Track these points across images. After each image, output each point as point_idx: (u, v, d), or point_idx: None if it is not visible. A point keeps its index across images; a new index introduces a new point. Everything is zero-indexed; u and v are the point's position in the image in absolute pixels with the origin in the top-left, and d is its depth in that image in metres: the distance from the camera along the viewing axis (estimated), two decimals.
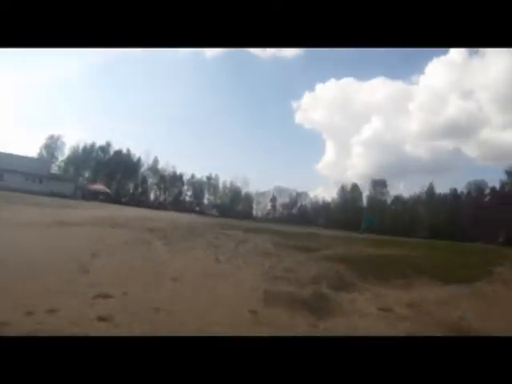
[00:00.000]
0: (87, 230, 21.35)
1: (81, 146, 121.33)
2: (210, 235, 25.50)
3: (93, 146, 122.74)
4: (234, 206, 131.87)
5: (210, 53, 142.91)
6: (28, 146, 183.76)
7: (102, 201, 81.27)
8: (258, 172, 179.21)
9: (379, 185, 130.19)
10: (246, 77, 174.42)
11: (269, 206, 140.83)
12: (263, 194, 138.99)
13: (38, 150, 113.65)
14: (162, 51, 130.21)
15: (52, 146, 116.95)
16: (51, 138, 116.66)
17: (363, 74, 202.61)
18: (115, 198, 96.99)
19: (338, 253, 21.13)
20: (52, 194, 70.46)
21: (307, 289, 11.47)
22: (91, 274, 10.65)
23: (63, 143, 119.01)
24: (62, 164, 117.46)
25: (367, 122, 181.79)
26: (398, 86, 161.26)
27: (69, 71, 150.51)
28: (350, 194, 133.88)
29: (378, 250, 24.44)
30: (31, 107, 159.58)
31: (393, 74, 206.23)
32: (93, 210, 40.46)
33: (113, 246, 16.24)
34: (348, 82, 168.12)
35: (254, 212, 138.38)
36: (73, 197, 77.49)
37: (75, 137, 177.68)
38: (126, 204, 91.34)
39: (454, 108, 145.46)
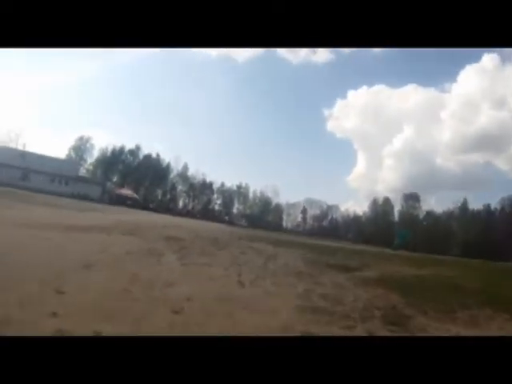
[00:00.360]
0: (93, 235, 18.57)
1: (110, 148, 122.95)
2: (235, 249, 22.45)
3: (122, 149, 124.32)
4: (263, 217, 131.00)
5: (241, 57, 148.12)
6: (57, 148, 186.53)
7: (130, 206, 79.91)
8: (288, 182, 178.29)
9: (411, 199, 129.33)
10: (278, 83, 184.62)
11: (299, 218, 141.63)
12: (294, 205, 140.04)
13: (66, 152, 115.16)
14: (195, 57, 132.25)
15: (81, 147, 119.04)
16: (80, 139, 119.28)
17: (395, 80, 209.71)
18: (143, 204, 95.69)
19: (381, 274, 18.30)
20: (78, 197, 70.78)
21: (358, 329, 8.43)
22: (66, 296, 7.92)
23: (92, 145, 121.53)
24: (91, 167, 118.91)
25: (399, 131, 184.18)
26: (430, 93, 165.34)
27: (100, 74, 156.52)
28: (382, 208, 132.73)
29: (423, 271, 21.62)
30: (62, 109, 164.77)
31: (425, 81, 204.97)
32: (113, 215, 38.23)
33: (114, 256, 13.44)
34: (380, 89, 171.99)
35: (284, 223, 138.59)
36: (99, 200, 77.24)
37: (105, 139, 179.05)
38: (154, 211, 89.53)
39: (486, 117, 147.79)
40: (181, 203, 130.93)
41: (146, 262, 13.55)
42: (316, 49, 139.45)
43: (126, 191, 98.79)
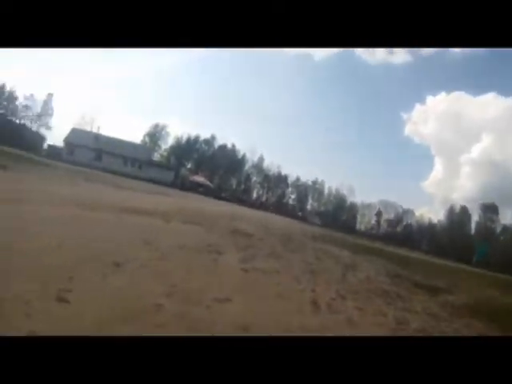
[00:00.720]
0: (148, 220, 16.31)
1: (185, 137, 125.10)
2: (309, 252, 19.86)
3: (197, 138, 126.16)
4: (337, 215, 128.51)
5: (319, 55, 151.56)
6: (132, 133, 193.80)
7: (201, 193, 79.19)
8: (363, 181, 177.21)
9: (490, 210, 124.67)
10: (356, 81, 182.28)
11: (373, 221, 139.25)
12: (368, 206, 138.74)
13: (141, 138, 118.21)
14: (273, 53, 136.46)
15: (156, 134, 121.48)
16: (156, 126, 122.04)
17: (475, 87, 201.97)
18: (216, 193, 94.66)
19: (474, 300, 15.64)
20: (150, 181, 71.38)
21: None
22: (65, 306, 5.60)
23: (167, 133, 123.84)
24: (165, 153, 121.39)
25: (477, 140, 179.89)
26: (511, 102, 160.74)
27: (180, 65, 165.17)
28: (458, 217, 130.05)
29: None
30: (139, 96, 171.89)
31: (506, 89, 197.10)
32: (180, 200, 36.68)
33: (160, 250, 10.85)
34: (459, 95, 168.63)
35: (358, 225, 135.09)
36: (172, 186, 76.94)
37: (180, 128, 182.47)
38: (226, 200, 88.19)
39: None
40: (254, 194, 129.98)
41: (199, 261, 10.97)
42: (394, 49, 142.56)
43: (199, 178, 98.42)
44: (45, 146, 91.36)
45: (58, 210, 12.99)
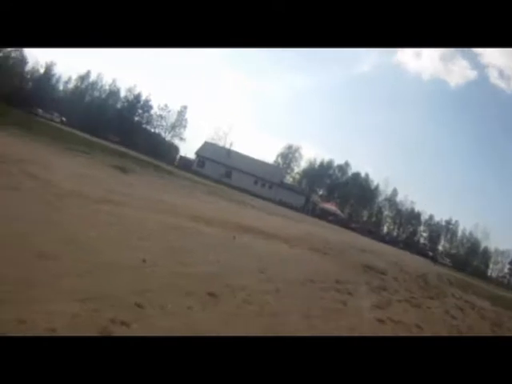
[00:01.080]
0: (265, 244, 14.24)
1: (318, 161, 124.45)
2: (450, 300, 16.96)
3: (330, 163, 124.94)
4: (469, 260, 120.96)
5: (455, 81, 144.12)
6: (265, 152, 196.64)
7: (331, 222, 77.00)
8: (498, 224, 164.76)
9: None
10: (488, 112, 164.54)
11: (506, 269, 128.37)
12: (502, 253, 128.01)
13: (274, 158, 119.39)
14: (407, 76, 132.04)
15: (289, 156, 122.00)
16: (289, 147, 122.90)
17: None
18: (346, 223, 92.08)
19: None
20: (279, 203, 70.51)
21: None
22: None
23: (300, 155, 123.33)
24: (297, 176, 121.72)
25: None
26: None
27: (316, 88, 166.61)
28: None
29: None
30: (275, 116, 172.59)
31: None
32: (307, 226, 34.61)
33: (277, 283, 8.70)
34: None
35: (489, 271, 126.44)
36: (302, 210, 76.24)
37: (313, 152, 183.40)
38: (355, 231, 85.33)
39: None
40: (385, 229, 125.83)
41: (323, 302, 8.68)
42: None
43: (331, 206, 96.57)
44: (177, 156, 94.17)
45: (159, 219, 11.39)
